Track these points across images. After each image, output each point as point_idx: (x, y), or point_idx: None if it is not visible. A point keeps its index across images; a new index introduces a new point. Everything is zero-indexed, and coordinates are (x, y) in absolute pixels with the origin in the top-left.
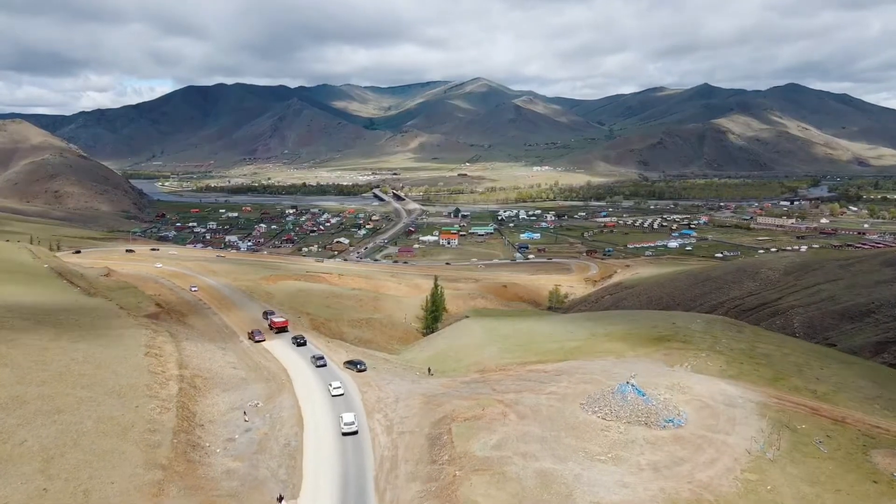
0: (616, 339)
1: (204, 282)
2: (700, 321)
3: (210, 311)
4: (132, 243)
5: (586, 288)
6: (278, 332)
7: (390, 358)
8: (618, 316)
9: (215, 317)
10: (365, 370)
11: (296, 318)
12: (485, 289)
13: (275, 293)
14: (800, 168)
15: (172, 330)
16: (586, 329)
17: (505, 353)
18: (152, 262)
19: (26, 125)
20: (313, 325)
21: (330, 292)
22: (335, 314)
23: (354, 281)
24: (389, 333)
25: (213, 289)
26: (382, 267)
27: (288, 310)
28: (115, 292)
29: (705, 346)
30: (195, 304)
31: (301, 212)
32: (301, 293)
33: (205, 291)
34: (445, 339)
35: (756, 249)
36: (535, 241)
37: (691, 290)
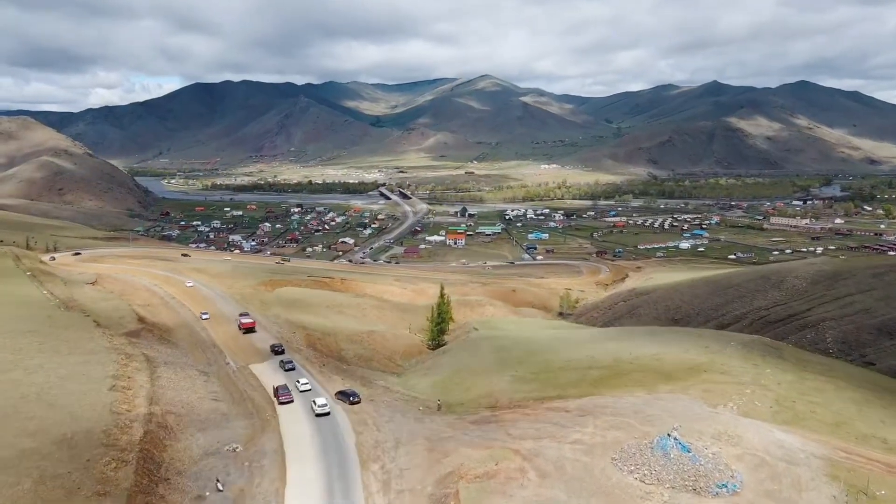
0: (644, 368)
1: (196, 289)
2: (735, 344)
3: (199, 325)
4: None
5: (597, 292)
6: (246, 333)
7: (391, 385)
8: (641, 335)
9: (204, 332)
10: (359, 402)
11: (290, 333)
12: (493, 294)
13: (271, 303)
14: (811, 167)
15: (151, 352)
16: (609, 352)
17: (519, 385)
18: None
19: (32, 122)
20: (308, 342)
21: (330, 300)
22: (334, 327)
23: (357, 286)
24: (392, 348)
25: (206, 299)
26: (387, 269)
27: (283, 323)
28: (97, 304)
29: (748, 378)
30: (179, 318)
31: (306, 210)
32: (298, 302)
33: (194, 299)
34: (452, 359)
35: (770, 251)
36: (543, 241)
37: (712, 299)
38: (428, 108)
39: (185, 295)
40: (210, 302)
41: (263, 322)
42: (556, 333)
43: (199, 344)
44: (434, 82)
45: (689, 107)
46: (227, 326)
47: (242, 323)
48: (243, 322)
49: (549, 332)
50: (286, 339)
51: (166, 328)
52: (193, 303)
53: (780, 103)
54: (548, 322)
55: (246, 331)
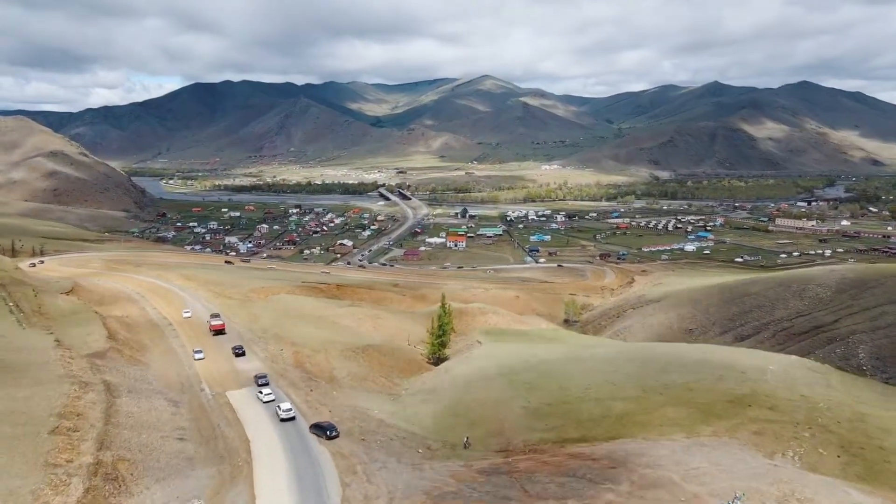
0: (677, 400)
1: (181, 298)
2: (775, 369)
3: (177, 342)
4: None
5: (603, 297)
6: (216, 335)
7: (387, 416)
8: (664, 355)
9: (182, 349)
10: (336, 436)
11: (278, 350)
12: (496, 300)
13: (260, 314)
14: (813, 167)
15: (115, 377)
16: (631, 377)
17: (533, 420)
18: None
19: (28, 122)
20: (297, 361)
21: (324, 310)
22: (326, 341)
23: (354, 292)
24: (389, 364)
25: (190, 309)
26: (385, 273)
27: (271, 339)
28: (65, 318)
29: (801, 415)
30: (161, 331)
31: (305, 211)
32: (290, 312)
33: (177, 310)
34: (455, 381)
35: (777, 253)
36: (545, 243)
37: (728, 309)
38: (428, 109)
39: (167, 305)
40: (194, 313)
41: (249, 337)
42: (568, 351)
43: (175, 365)
44: (434, 82)
45: (690, 107)
46: (210, 343)
47: (212, 325)
48: (213, 324)
49: (561, 350)
50: (273, 358)
51: (140, 346)
52: (176, 314)
53: (783, 104)
54: (554, 332)
55: (215, 332)
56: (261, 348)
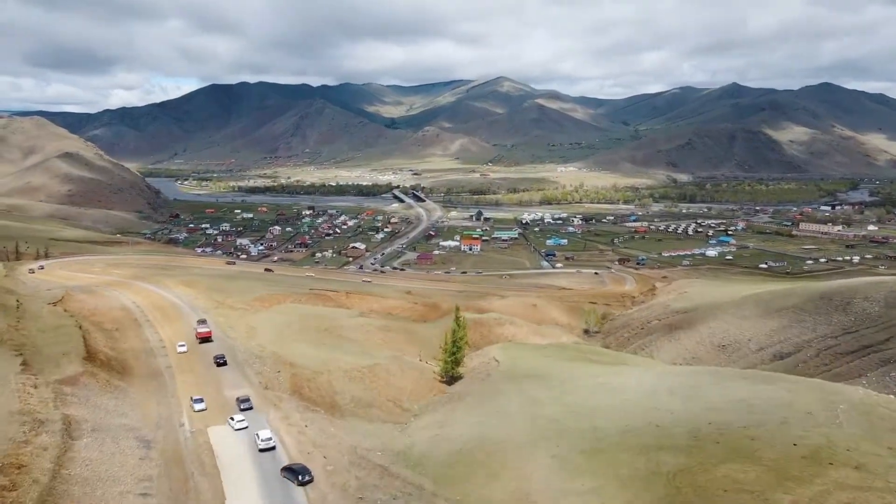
0: (738, 452)
1: (179, 308)
2: (846, 407)
3: (164, 361)
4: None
5: (624, 305)
6: (202, 343)
7: (390, 462)
8: (710, 387)
9: (168, 370)
10: (310, 481)
11: (274, 372)
12: (512, 309)
13: (260, 327)
14: (835, 170)
15: (80, 411)
16: (678, 416)
17: (565, 477)
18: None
19: (45, 122)
20: (294, 386)
21: (330, 321)
22: (328, 360)
23: (363, 300)
24: (399, 385)
25: (185, 322)
26: (397, 279)
27: (268, 358)
28: (43, 334)
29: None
30: (150, 347)
31: (318, 213)
32: (293, 325)
33: (171, 323)
34: (471, 413)
35: (803, 259)
36: (562, 247)
37: (764, 323)
38: (443, 111)
39: (163, 317)
40: (189, 327)
41: (244, 357)
42: (598, 377)
43: (158, 390)
44: (450, 84)
45: (707, 109)
46: (196, 363)
47: (198, 332)
48: (199, 331)
49: (589, 375)
50: (268, 383)
51: (123, 366)
52: (170, 327)
53: (804, 106)
54: (576, 348)
55: (201, 340)
56: (255, 371)
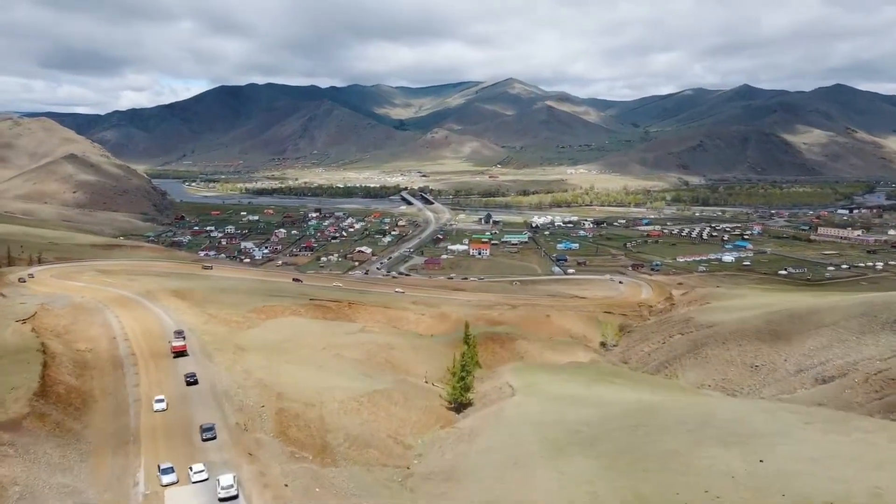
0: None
1: (165, 325)
2: None
3: (135, 392)
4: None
5: (642, 316)
6: (177, 357)
7: None
8: (772, 433)
9: (137, 403)
10: None
11: (258, 407)
12: (525, 322)
13: (250, 346)
14: (849, 173)
15: (9, 471)
16: (739, 483)
17: None
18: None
19: (52, 123)
20: (280, 425)
21: (328, 338)
22: (323, 387)
23: (367, 311)
24: (401, 416)
25: (157, 337)
26: (404, 285)
27: (253, 387)
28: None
29: None
30: (122, 373)
31: (325, 215)
32: (287, 343)
33: (154, 343)
34: (487, 465)
35: (824, 265)
36: (573, 251)
37: (802, 342)
38: (452, 112)
39: (143, 335)
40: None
41: (226, 386)
42: (627, 412)
43: (118, 433)
44: (458, 85)
45: (718, 111)
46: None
47: (173, 346)
48: (174, 345)
49: (615, 404)
50: (248, 423)
51: (84, 400)
52: (150, 349)
53: (817, 107)
54: (596, 369)
55: (176, 354)
56: (235, 406)
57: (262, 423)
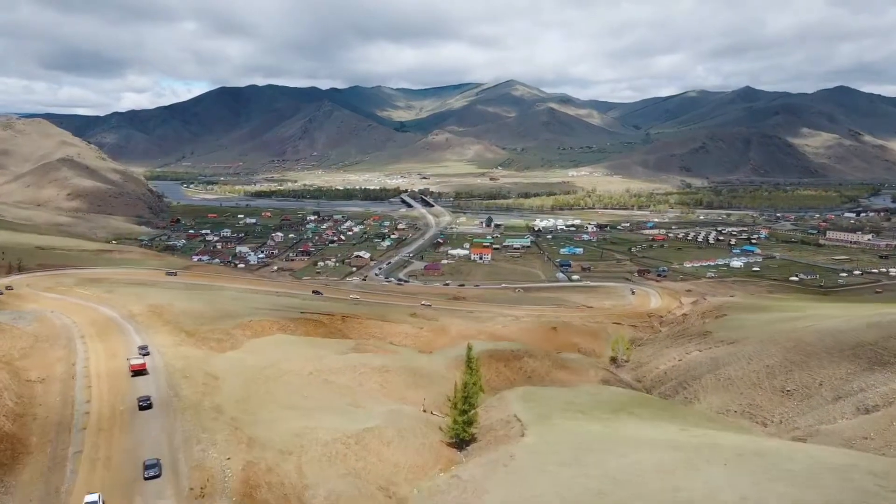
0: None
1: (125, 342)
2: None
3: (78, 439)
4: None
5: (652, 326)
6: (135, 375)
7: None
8: (836, 488)
9: (76, 457)
10: None
11: (222, 460)
12: (530, 335)
13: (222, 375)
14: (853, 175)
15: None
16: None
17: None
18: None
19: (47, 125)
20: (246, 485)
21: (316, 362)
22: (304, 427)
23: (361, 326)
24: (394, 459)
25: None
26: (401, 295)
27: (222, 429)
28: None
29: None
30: (62, 419)
31: (323, 218)
32: (269, 370)
33: (116, 369)
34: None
35: (836, 271)
36: (577, 256)
37: (836, 363)
38: (453, 114)
39: (106, 357)
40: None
41: (190, 427)
42: (670, 471)
43: (47, 498)
44: (459, 87)
45: (720, 112)
46: (124, 439)
47: (132, 365)
48: (133, 364)
49: (657, 467)
50: (205, 484)
51: (16, 449)
52: (112, 375)
53: (819, 109)
54: (611, 393)
55: (135, 373)
56: (195, 459)
57: (224, 484)
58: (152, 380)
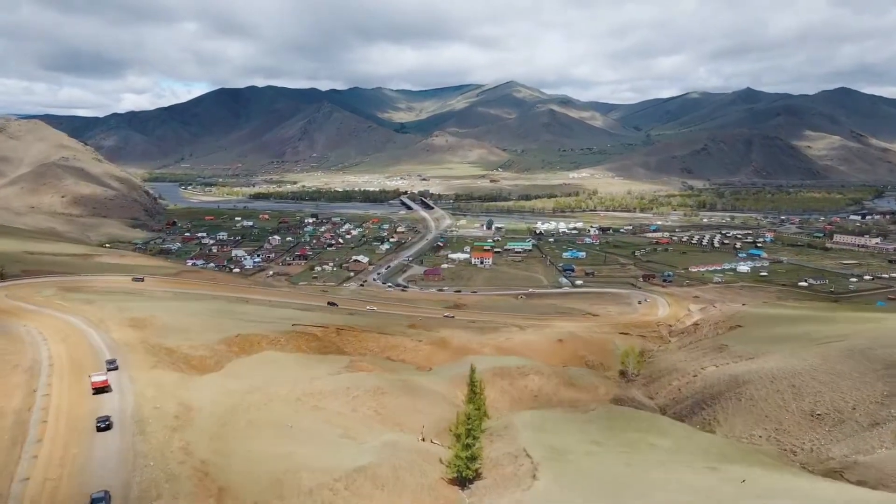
0: None
1: (97, 358)
2: None
3: (20, 472)
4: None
5: (661, 337)
6: (97, 393)
7: None
8: None
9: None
10: None
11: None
12: (535, 348)
13: (197, 405)
14: (855, 177)
15: None
16: None
17: None
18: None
19: (42, 126)
20: None
21: (305, 385)
22: (287, 468)
23: (358, 339)
24: (390, 500)
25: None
26: (400, 304)
27: (188, 478)
28: None
29: None
30: (7, 461)
31: (322, 221)
32: (252, 397)
33: (79, 399)
34: None
35: (846, 276)
36: (580, 260)
37: (869, 386)
38: (453, 115)
39: (71, 383)
40: (99, 403)
41: (147, 481)
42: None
43: None
44: (459, 88)
45: (721, 114)
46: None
47: (93, 382)
48: (94, 381)
49: (668, 491)
50: None
51: None
52: (70, 412)
53: (821, 110)
54: (630, 419)
55: (96, 391)
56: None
57: None
58: (117, 420)
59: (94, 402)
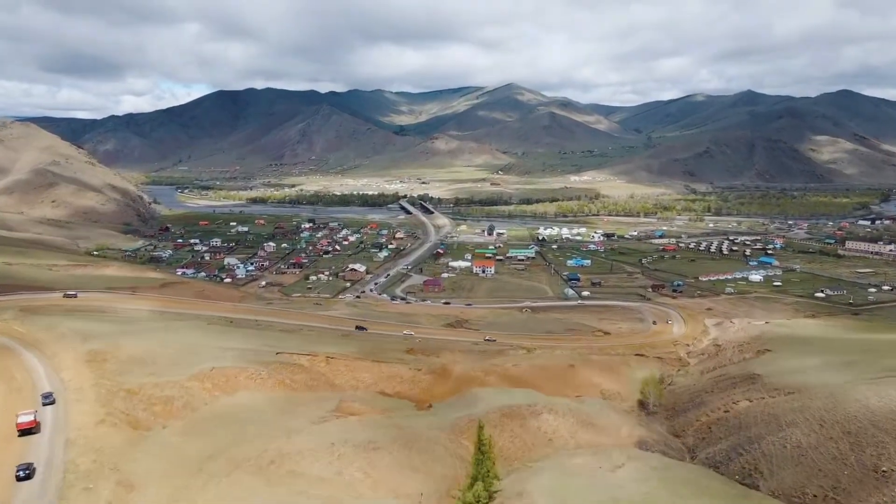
0: None
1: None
2: None
3: None
4: None
5: (679, 358)
6: (22, 435)
7: None
8: None
9: None
10: None
11: None
12: (545, 375)
13: (143, 471)
14: (860, 180)
15: None
16: None
17: None
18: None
19: (34, 128)
20: None
21: (284, 437)
22: None
23: (349, 369)
24: None
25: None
26: (397, 322)
27: None
28: None
29: None
30: None
31: (319, 226)
32: (213, 464)
33: None
34: None
35: (863, 286)
36: (585, 268)
37: None
38: (453, 118)
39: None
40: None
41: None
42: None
43: None
44: (460, 90)
45: (722, 116)
46: None
47: (19, 423)
48: (20, 422)
49: None
50: None
51: None
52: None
53: (823, 113)
54: (665, 481)
55: (22, 432)
56: None
57: None
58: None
59: (18, 444)
